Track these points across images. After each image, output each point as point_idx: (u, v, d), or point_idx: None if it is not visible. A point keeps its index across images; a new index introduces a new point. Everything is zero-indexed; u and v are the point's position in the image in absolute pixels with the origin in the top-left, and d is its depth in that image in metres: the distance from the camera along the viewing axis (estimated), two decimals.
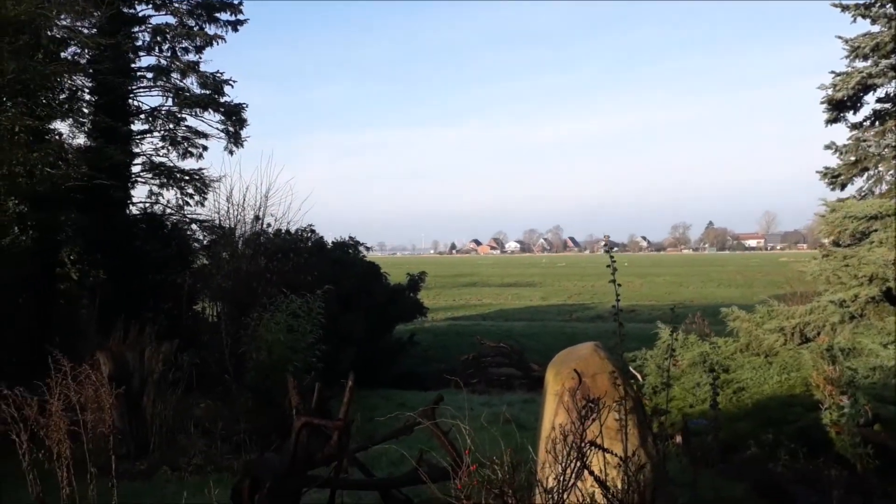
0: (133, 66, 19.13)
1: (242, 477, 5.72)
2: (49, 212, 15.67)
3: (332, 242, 19.58)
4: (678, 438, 9.45)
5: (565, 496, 4.61)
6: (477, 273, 78.85)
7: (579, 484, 4.86)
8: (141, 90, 19.57)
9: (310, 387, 7.13)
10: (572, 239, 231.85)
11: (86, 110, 18.23)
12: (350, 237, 19.89)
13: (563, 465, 4.67)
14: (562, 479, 4.60)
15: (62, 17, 15.41)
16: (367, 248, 20.33)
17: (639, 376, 10.99)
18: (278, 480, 5.30)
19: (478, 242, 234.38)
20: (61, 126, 17.75)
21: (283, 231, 17.47)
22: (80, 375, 5.02)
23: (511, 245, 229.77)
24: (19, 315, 15.60)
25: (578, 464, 4.63)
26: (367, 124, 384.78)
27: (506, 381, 17.90)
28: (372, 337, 17.20)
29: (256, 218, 16.69)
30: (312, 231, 18.69)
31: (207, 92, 19.60)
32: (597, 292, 48.11)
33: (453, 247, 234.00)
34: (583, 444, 4.67)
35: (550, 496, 4.57)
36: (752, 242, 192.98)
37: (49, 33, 14.97)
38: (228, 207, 16.47)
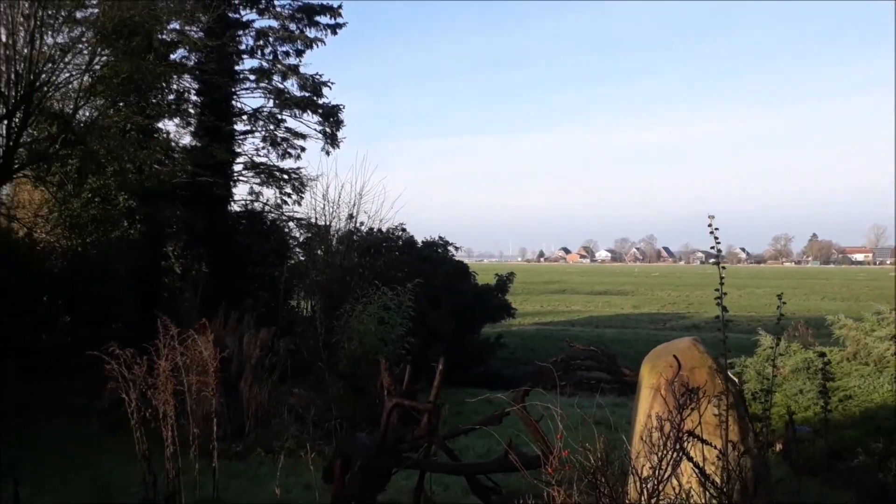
0: (236, 68, 19.91)
1: (334, 456, 5.81)
2: (156, 207, 16.47)
3: (422, 242, 19.76)
4: (779, 447, 9.03)
5: (660, 487, 4.46)
6: (566, 281, 77.93)
7: (674, 481, 4.70)
8: (244, 92, 20.36)
9: (399, 376, 7.21)
10: (666, 249, 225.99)
11: (192, 111, 19.11)
12: (440, 237, 20.02)
13: (660, 455, 4.51)
14: (658, 469, 4.45)
15: (172, 21, 16.22)
16: (456, 248, 20.40)
17: (737, 381, 10.57)
18: (369, 460, 5.35)
19: (567, 251, 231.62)
20: (168, 125, 18.71)
21: (376, 229, 17.80)
22: (187, 340, 5.27)
23: (602, 254, 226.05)
24: (127, 307, 16.48)
25: (676, 454, 4.47)
26: (455, 130, 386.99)
27: (595, 385, 17.53)
28: (459, 335, 17.22)
29: (350, 216, 17.10)
30: (403, 230, 18.93)
31: (306, 94, 20.19)
32: (692, 302, 46.72)
33: (541, 254, 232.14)
34: (681, 433, 4.50)
35: (645, 485, 4.43)
36: (860, 256, 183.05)
37: (160, 36, 15.78)
38: (324, 205, 16.95)
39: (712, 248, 4.80)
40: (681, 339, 6.21)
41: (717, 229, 4.67)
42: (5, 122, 12.30)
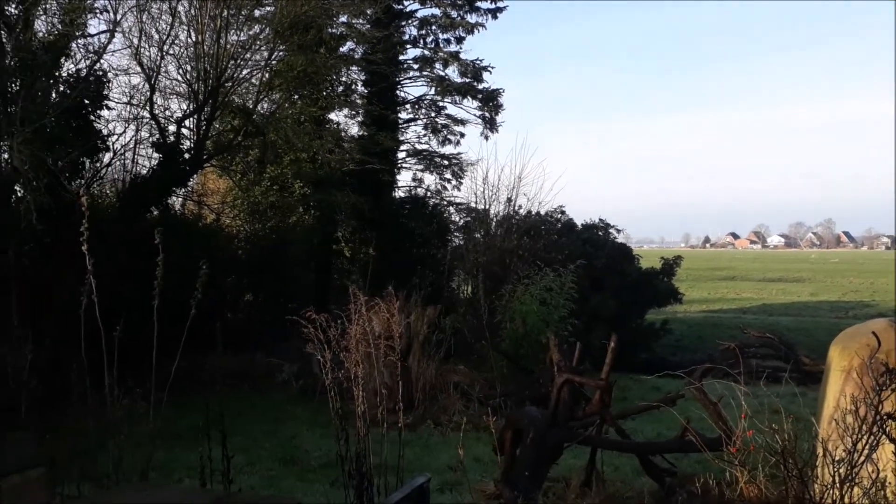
0: (400, 58, 20.52)
1: (505, 427, 5.91)
2: (328, 193, 17.40)
3: (581, 224, 19.50)
4: None
5: (855, 471, 4.18)
6: (735, 267, 73.79)
7: (868, 466, 4.39)
8: (407, 81, 20.96)
9: (568, 354, 7.20)
10: (847, 234, 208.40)
11: (359, 101, 19.96)
12: (600, 219, 19.65)
13: (855, 438, 4.23)
14: (853, 452, 4.17)
15: (341, 14, 17.00)
16: (618, 231, 19.93)
17: None
18: (541, 432, 5.40)
19: (735, 236, 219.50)
20: (338, 116, 19.66)
21: (534, 212, 17.78)
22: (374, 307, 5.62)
23: (774, 239, 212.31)
24: (303, 287, 17.59)
25: (873, 437, 4.16)
26: (613, 111, 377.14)
27: (771, 374, 16.54)
28: (622, 319, 16.81)
29: (509, 199, 17.20)
30: (562, 212, 18.78)
31: (467, 80, 20.45)
32: (877, 290, 42.90)
33: (707, 240, 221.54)
34: (879, 415, 4.19)
35: (838, 469, 4.17)
36: None
37: (329, 30, 16.57)
38: (484, 189, 17.16)
39: None
40: (874, 320, 5.81)
41: None
42: (195, 116, 13.33)
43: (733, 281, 52.81)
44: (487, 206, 17.47)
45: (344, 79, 19.17)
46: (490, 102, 20.65)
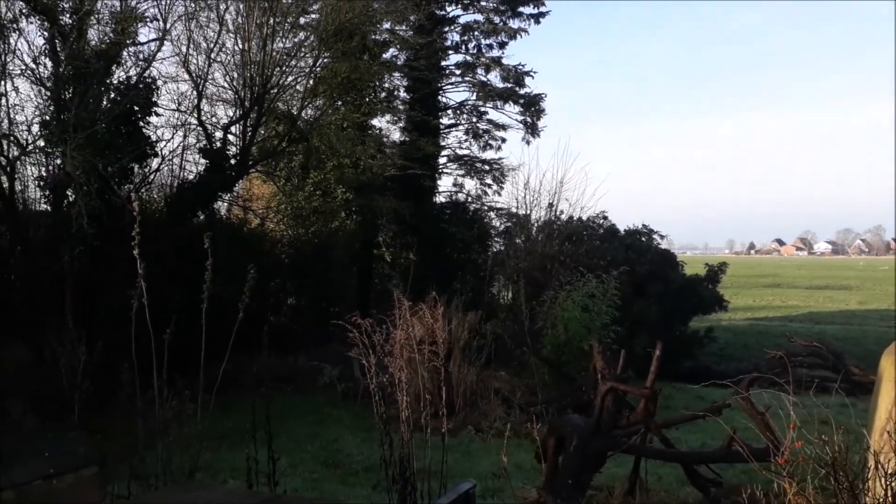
0: (442, 63, 20.60)
1: (547, 434, 5.87)
2: (370, 199, 17.53)
3: (624, 230, 19.31)
4: None
5: None
6: (780, 274, 72.28)
7: None
8: (448, 86, 21.01)
9: (611, 361, 7.13)
10: None
11: (401, 107, 20.08)
12: (643, 224, 19.44)
13: None
14: None
15: (384, 21, 17.12)
16: (662, 237, 19.68)
17: None
18: (584, 440, 5.36)
19: (781, 242, 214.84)
20: (380, 122, 19.81)
21: (576, 217, 17.66)
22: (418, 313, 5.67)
23: (821, 246, 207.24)
24: (345, 291, 17.74)
25: None
26: (654, 114, 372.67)
27: (819, 384, 16.14)
28: (665, 326, 16.58)
29: (550, 205, 17.12)
30: (605, 217, 18.62)
31: (509, 85, 20.44)
32: None
33: (752, 246, 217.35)
34: None
35: (891, 482, 4.05)
36: None
37: (373, 37, 16.70)
38: (525, 193, 17.11)
39: None
40: None
41: None
42: (241, 122, 13.52)
43: (779, 288, 51.73)
44: (528, 212, 17.44)
45: (386, 85, 19.34)
46: (532, 107, 20.58)
